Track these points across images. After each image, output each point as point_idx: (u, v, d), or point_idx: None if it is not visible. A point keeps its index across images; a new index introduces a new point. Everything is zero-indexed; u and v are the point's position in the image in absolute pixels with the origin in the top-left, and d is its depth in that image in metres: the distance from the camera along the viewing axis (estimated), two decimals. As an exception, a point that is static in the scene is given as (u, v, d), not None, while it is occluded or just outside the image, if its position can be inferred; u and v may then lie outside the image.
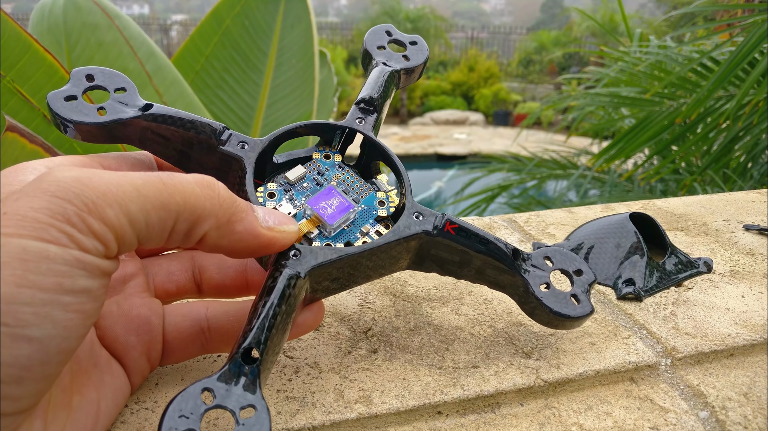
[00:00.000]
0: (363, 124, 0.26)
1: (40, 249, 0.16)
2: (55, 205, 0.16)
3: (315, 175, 0.25)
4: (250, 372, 0.19)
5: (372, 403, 0.24)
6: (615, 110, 1.49)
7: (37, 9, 1.02)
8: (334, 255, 0.22)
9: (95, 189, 0.17)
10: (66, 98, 0.23)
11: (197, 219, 0.19)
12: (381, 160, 0.26)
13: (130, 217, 0.17)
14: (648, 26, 2.60)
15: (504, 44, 9.69)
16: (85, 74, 0.24)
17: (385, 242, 0.23)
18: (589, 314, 0.25)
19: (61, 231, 0.16)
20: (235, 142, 0.24)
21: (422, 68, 0.30)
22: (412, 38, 0.31)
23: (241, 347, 0.20)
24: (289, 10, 1.30)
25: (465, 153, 4.98)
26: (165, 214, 0.18)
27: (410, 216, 0.24)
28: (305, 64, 1.31)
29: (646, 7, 15.19)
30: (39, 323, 0.15)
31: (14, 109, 0.70)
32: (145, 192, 0.18)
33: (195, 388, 0.19)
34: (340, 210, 0.24)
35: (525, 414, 0.25)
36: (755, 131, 1.02)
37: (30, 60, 0.69)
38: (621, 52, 1.43)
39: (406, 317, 0.30)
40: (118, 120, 0.23)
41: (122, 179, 0.18)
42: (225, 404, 0.19)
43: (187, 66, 1.25)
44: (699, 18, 1.52)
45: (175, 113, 0.24)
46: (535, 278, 0.25)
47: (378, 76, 0.28)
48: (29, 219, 0.16)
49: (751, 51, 0.90)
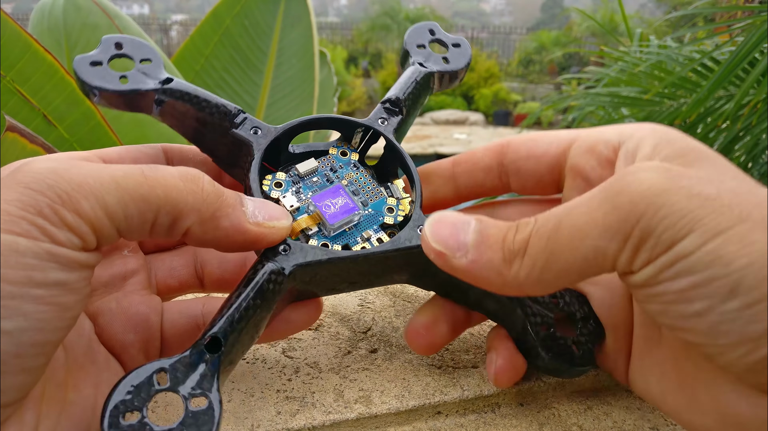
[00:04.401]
0: (385, 124, 0.26)
1: (9, 242, 0.15)
2: (27, 196, 0.16)
3: (327, 171, 0.25)
4: (212, 362, 0.19)
5: (372, 403, 0.24)
6: (615, 110, 1.49)
7: (36, 9, 1.02)
8: (324, 256, 0.21)
9: (71, 180, 0.17)
10: (92, 63, 0.23)
11: (179, 214, 0.19)
12: (399, 165, 0.26)
13: (107, 210, 0.17)
14: (648, 26, 2.60)
15: (504, 44, 9.69)
16: (115, 42, 0.24)
17: (380, 251, 0.22)
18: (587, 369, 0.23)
19: (32, 223, 0.16)
20: (248, 127, 0.24)
21: (463, 73, 0.28)
22: (456, 40, 0.29)
23: (206, 334, 0.19)
24: (289, 10, 1.30)
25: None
26: (145, 207, 0.18)
27: (414, 228, 0.23)
28: (305, 64, 1.31)
29: (646, 7, 15.20)
30: (9, 316, 0.15)
31: (14, 109, 0.70)
32: (124, 184, 0.18)
33: (150, 367, 0.18)
34: (344, 211, 0.23)
35: (525, 415, 0.25)
36: (755, 131, 1.02)
37: (30, 60, 0.69)
38: (621, 52, 1.43)
39: (406, 317, 0.30)
40: (136, 90, 0.23)
41: (102, 171, 0.17)
42: (177, 389, 0.18)
43: (187, 66, 1.25)
44: (699, 18, 1.52)
45: (193, 90, 0.24)
46: (537, 317, 0.23)
47: (410, 77, 0.27)
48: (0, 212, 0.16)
49: (751, 51, 0.90)
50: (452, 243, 0.20)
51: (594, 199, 0.18)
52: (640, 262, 0.17)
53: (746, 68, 0.99)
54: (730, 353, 0.17)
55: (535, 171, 0.25)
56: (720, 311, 0.16)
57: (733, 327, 0.16)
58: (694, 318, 0.17)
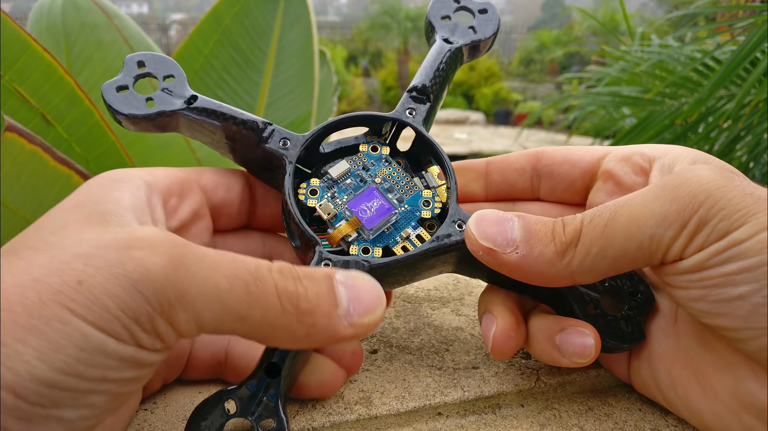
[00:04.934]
0: (414, 115, 0.25)
1: (100, 343, 0.15)
2: (131, 298, 0.15)
3: (359, 170, 0.25)
4: (274, 387, 0.20)
5: (372, 404, 0.23)
6: (616, 109, 1.49)
7: (35, 8, 1.02)
8: (365, 267, 0.22)
9: (176, 287, 0.16)
10: (118, 88, 0.24)
11: (270, 335, 0.18)
12: (430, 155, 0.25)
13: (200, 323, 0.17)
14: (649, 25, 2.60)
15: (505, 43, 9.69)
16: (137, 60, 0.24)
17: (420, 252, 0.22)
18: (637, 342, 0.23)
19: (125, 327, 0.15)
20: (277, 139, 0.24)
21: (491, 41, 0.27)
22: (483, 5, 0.28)
23: (266, 361, 0.20)
24: (288, 9, 1.30)
25: (466, 152, 4.97)
26: (240, 326, 0.17)
27: (452, 224, 0.23)
28: (305, 64, 1.31)
29: (647, 6, 15.20)
30: (74, 406, 0.15)
31: (13, 109, 0.69)
32: (225, 299, 0.17)
33: (217, 397, 0.19)
34: (381, 213, 0.23)
35: (525, 416, 0.24)
36: (757, 131, 1.02)
37: (28, 59, 0.68)
38: (622, 52, 1.43)
39: (406, 317, 0.30)
40: (163, 112, 0.23)
41: (208, 279, 0.16)
42: (246, 415, 0.19)
43: (186, 65, 1.24)
44: (700, 18, 1.52)
45: (218, 107, 0.24)
46: (583, 295, 0.23)
47: (436, 58, 0.26)
48: (99, 304, 0.15)
49: (752, 50, 0.90)
50: (500, 239, 0.21)
51: (650, 192, 0.20)
52: (693, 248, 0.19)
53: (748, 68, 0.98)
54: (764, 337, 0.18)
55: (569, 175, 0.26)
56: (765, 294, 0.17)
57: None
58: (737, 301, 0.18)
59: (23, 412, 0.14)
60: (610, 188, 0.25)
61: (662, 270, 0.20)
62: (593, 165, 0.26)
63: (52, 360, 0.14)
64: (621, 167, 0.25)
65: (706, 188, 0.19)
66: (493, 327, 0.23)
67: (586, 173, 0.26)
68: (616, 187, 0.25)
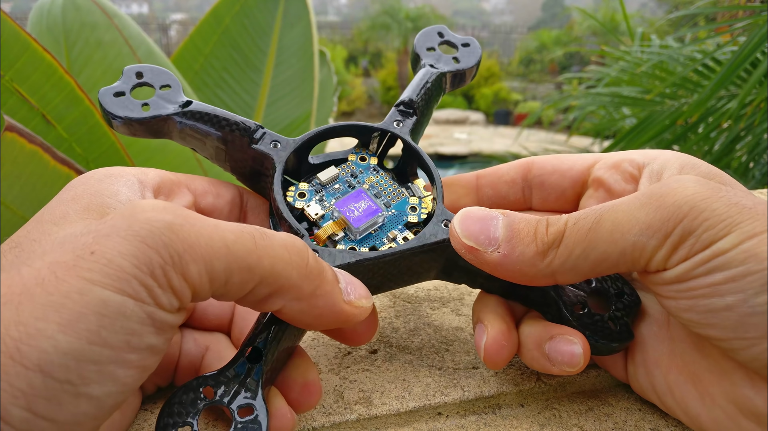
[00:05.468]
0: (401, 126, 0.26)
1: (119, 305, 0.15)
2: (143, 253, 0.16)
3: (348, 177, 0.25)
4: (254, 373, 0.19)
5: (372, 404, 0.24)
6: (616, 110, 1.49)
7: (35, 8, 1.02)
8: (353, 259, 0.22)
9: (185, 240, 0.16)
10: (115, 94, 0.24)
11: (279, 288, 0.18)
12: (416, 164, 0.26)
13: (212, 275, 0.17)
14: (649, 26, 2.60)
15: (505, 43, 9.69)
16: (135, 71, 0.25)
17: (407, 248, 0.23)
18: (627, 342, 0.23)
19: (143, 284, 0.15)
20: (267, 141, 0.24)
21: (474, 71, 0.29)
22: (465, 40, 0.30)
23: (246, 346, 0.20)
24: (288, 9, 1.30)
25: (465, 152, 4.97)
26: (248, 277, 0.17)
27: (438, 223, 0.23)
28: (305, 64, 1.31)
29: (647, 6, 15.20)
30: (100, 381, 0.15)
31: (13, 109, 0.69)
32: (234, 250, 0.17)
33: (196, 382, 0.19)
34: (368, 213, 0.24)
35: (525, 416, 0.24)
36: (757, 131, 1.02)
37: (29, 59, 0.68)
38: (622, 52, 1.43)
39: (406, 317, 0.30)
40: (158, 115, 0.24)
41: (213, 231, 0.17)
42: (224, 401, 0.19)
43: (186, 65, 1.25)
44: (700, 18, 1.52)
45: (212, 110, 0.24)
46: (570, 297, 0.23)
47: (422, 78, 0.27)
48: (114, 266, 0.15)
49: (753, 51, 0.90)
50: (483, 238, 0.21)
51: (636, 200, 0.20)
52: (676, 259, 0.19)
53: (748, 68, 0.98)
54: (755, 346, 0.17)
55: (559, 185, 0.26)
56: (751, 304, 0.17)
57: (763, 319, 0.17)
58: (724, 311, 0.18)
59: (53, 392, 0.14)
60: (600, 196, 0.25)
61: (649, 279, 0.20)
62: (583, 173, 0.26)
63: (75, 330, 0.14)
64: (611, 175, 0.25)
65: (690, 199, 0.19)
66: (485, 337, 0.23)
67: (576, 182, 0.26)
68: (606, 194, 0.25)
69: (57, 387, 0.14)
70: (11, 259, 0.16)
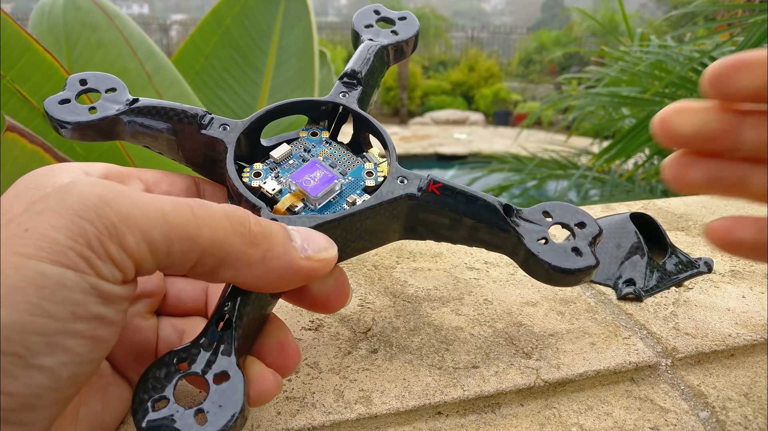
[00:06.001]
0: (346, 98, 0.26)
1: (58, 276, 0.15)
2: (76, 225, 0.15)
3: (301, 152, 0.25)
4: (226, 339, 0.19)
5: (372, 403, 0.24)
6: (615, 110, 1.49)
7: (36, 9, 1.02)
8: (312, 223, 0.22)
9: (118, 211, 0.16)
10: (60, 102, 0.25)
11: (226, 257, 0.18)
12: (366, 130, 0.26)
13: (151, 245, 0.17)
14: (648, 26, 2.60)
15: (504, 44, 9.69)
16: (79, 79, 0.26)
17: (366, 207, 0.22)
18: (593, 267, 0.23)
19: (81, 255, 0.15)
20: (216, 125, 0.24)
21: (413, 42, 0.30)
22: (402, 14, 0.31)
23: (216, 315, 0.20)
24: (288, 10, 1.30)
25: (465, 153, 4.97)
26: (190, 246, 0.17)
27: (394, 180, 0.23)
28: (305, 64, 1.31)
29: (646, 6, 15.19)
30: (50, 352, 0.15)
31: (14, 109, 0.70)
32: (171, 220, 0.17)
33: (169, 356, 0.19)
34: (324, 181, 0.24)
35: (525, 415, 0.24)
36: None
37: (30, 60, 0.69)
38: (621, 52, 1.43)
39: (406, 317, 0.30)
40: (105, 117, 0.24)
41: (149, 202, 0.17)
42: (198, 371, 0.19)
43: (186, 66, 1.25)
44: (699, 17, 1.52)
45: (158, 103, 0.24)
46: (531, 233, 0.24)
47: (363, 51, 0.28)
48: (49, 240, 0.15)
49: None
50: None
51: None
52: None
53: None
54: None
55: None
56: None
57: None
58: None
59: (2, 365, 0.14)
60: None
61: None
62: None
63: (13, 303, 0.14)
64: None
65: None
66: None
67: None
68: None
69: (5, 360, 0.14)
70: None
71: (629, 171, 1.45)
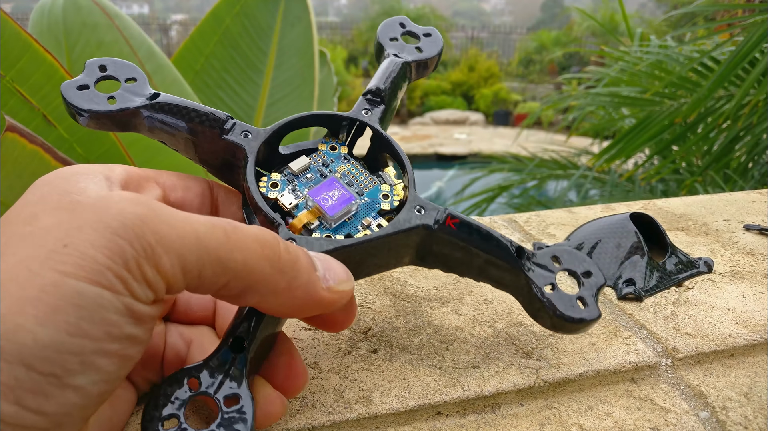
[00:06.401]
0: (369, 115, 0.26)
1: (95, 296, 0.15)
2: (115, 244, 0.16)
3: (319, 166, 0.25)
4: (238, 362, 0.19)
5: (372, 403, 0.24)
6: (615, 110, 1.49)
7: (36, 8, 1.02)
8: (330, 246, 0.22)
9: (156, 232, 0.16)
10: (78, 87, 0.24)
11: (254, 283, 0.18)
12: (387, 152, 0.26)
13: (184, 267, 0.17)
14: (648, 26, 2.60)
15: (504, 44, 9.69)
16: (98, 65, 0.25)
17: (383, 235, 0.23)
18: (596, 319, 0.24)
19: (117, 276, 0.16)
20: (238, 131, 0.24)
21: (436, 60, 0.30)
22: (427, 30, 0.30)
23: (229, 336, 0.20)
24: (288, 10, 1.30)
25: (465, 153, 4.97)
26: (221, 270, 0.17)
27: (411, 209, 0.23)
28: (305, 64, 1.31)
29: (646, 6, 15.18)
30: (84, 371, 0.15)
31: (14, 109, 0.69)
32: (205, 243, 0.17)
33: (180, 374, 0.19)
34: (342, 201, 0.24)
35: (525, 415, 0.24)
36: (756, 131, 1.02)
37: (30, 60, 0.69)
38: (621, 52, 1.43)
39: (406, 317, 0.30)
40: (125, 108, 0.23)
41: (185, 224, 0.17)
42: (209, 392, 0.19)
43: (186, 66, 1.25)
44: (699, 18, 1.52)
45: (180, 102, 0.24)
46: (540, 278, 0.24)
47: (387, 68, 0.28)
48: (88, 259, 0.15)
49: (751, 50, 0.90)
50: None
51: None
52: None
53: (746, 68, 0.99)
54: None
55: None
56: None
57: None
58: None
59: (38, 385, 0.14)
60: None
61: None
62: None
63: (53, 322, 0.14)
64: None
65: None
66: None
67: None
68: None
69: (42, 380, 0.14)
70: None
71: (629, 171, 1.45)
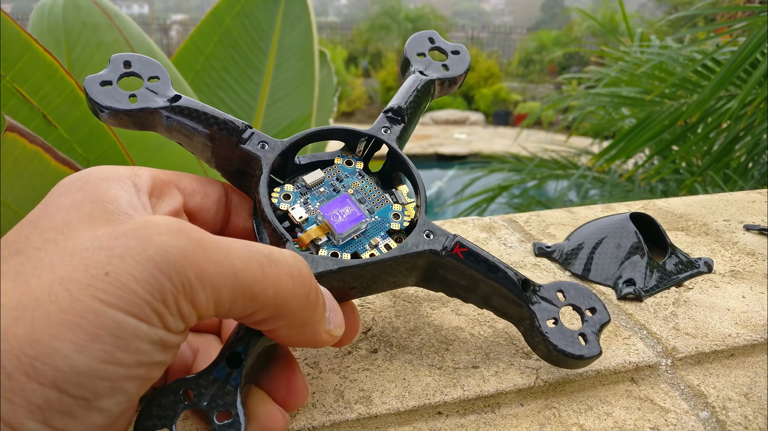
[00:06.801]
0: (388, 133, 0.26)
1: (133, 328, 0.16)
2: (156, 280, 0.16)
3: (333, 181, 0.25)
4: (233, 377, 0.19)
5: (372, 403, 0.24)
6: (615, 110, 1.49)
7: (36, 9, 1.02)
8: (335, 266, 0.22)
9: (196, 266, 0.17)
10: (102, 83, 0.24)
11: (276, 316, 0.19)
12: (402, 171, 0.26)
13: (218, 302, 0.17)
14: (648, 26, 2.60)
15: (504, 44, 9.69)
16: (123, 60, 0.25)
17: (389, 257, 0.23)
18: (595, 356, 0.24)
19: (155, 310, 0.16)
20: (255, 141, 0.24)
21: (462, 79, 0.29)
22: (455, 47, 0.30)
23: (226, 351, 0.20)
24: (289, 10, 1.30)
25: (465, 153, 4.97)
26: (252, 304, 0.18)
27: (420, 233, 0.23)
28: (305, 64, 1.31)
29: (646, 6, 15.19)
30: (112, 395, 0.16)
31: (14, 109, 0.69)
32: (241, 278, 0.17)
33: (176, 385, 0.19)
34: (352, 219, 0.24)
35: (525, 415, 0.24)
36: (756, 131, 1.02)
37: (30, 60, 0.69)
38: (621, 52, 1.43)
39: (406, 317, 0.30)
40: (146, 108, 0.23)
41: (225, 257, 0.17)
42: (202, 404, 0.19)
43: (186, 66, 1.25)
44: (699, 18, 1.52)
45: (201, 107, 0.24)
46: (544, 311, 0.24)
47: (411, 85, 0.27)
48: (129, 291, 0.16)
49: (752, 52, 0.90)
50: None
51: None
52: None
53: (748, 69, 0.99)
54: None
55: None
56: None
57: None
58: None
59: (67, 407, 0.15)
60: None
61: None
62: None
63: (90, 351, 0.15)
64: None
65: None
66: None
67: None
68: None
69: (72, 402, 0.15)
70: (16, 267, 0.16)
71: (629, 171, 1.45)
